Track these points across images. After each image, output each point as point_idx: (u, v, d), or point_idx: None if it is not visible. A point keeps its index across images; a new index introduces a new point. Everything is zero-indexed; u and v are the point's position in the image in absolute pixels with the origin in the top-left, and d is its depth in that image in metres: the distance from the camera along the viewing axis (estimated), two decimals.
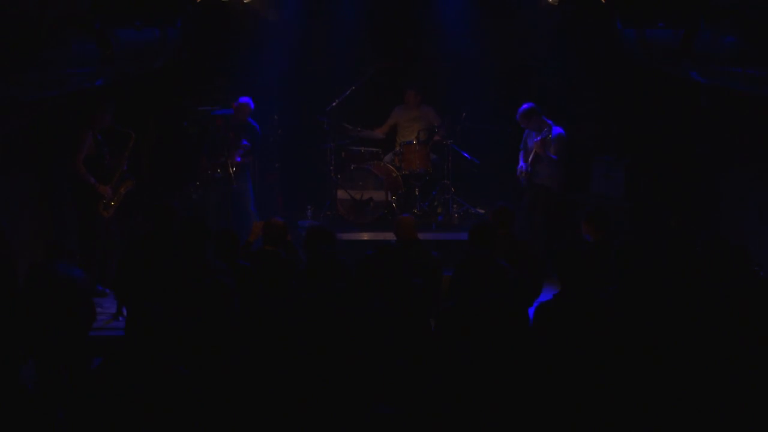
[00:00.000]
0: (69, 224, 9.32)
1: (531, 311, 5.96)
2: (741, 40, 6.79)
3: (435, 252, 7.51)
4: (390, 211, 10.86)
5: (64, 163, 9.05)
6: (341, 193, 10.87)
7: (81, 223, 9.11)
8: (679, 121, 10.70)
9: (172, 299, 5.77)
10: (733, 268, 6.16)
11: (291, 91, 11.65)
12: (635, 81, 10.76)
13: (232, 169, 9.95)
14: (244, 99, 10.26)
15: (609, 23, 9.40)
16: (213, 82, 11.46)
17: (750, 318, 5.67)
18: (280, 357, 5.27)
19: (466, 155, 10.96)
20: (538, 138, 9.60)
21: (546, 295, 6.94)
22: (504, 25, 11.40)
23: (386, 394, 4.89)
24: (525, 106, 9.73)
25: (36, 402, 4.52)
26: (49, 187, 9.43)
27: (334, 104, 11.10)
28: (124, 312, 8.10)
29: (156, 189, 10.56)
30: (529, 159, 9.74)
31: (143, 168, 11.07)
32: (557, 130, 9.69)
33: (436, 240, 10.07)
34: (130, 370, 4.64)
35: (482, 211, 10.99)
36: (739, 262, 6.25)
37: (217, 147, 10.09)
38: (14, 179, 8.75)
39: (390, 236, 8.11)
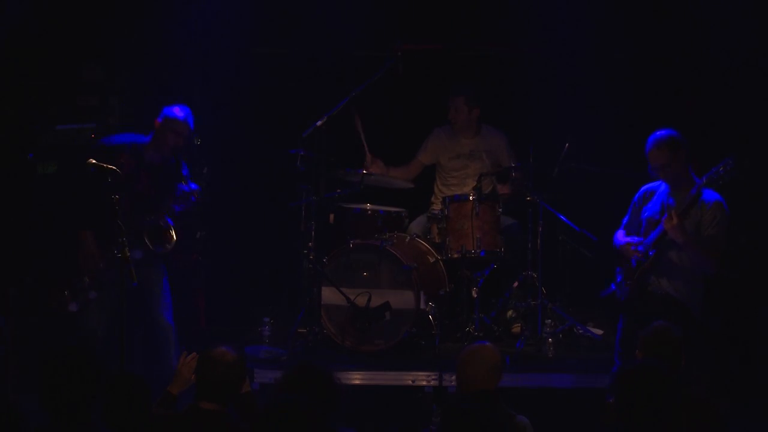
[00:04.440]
0: None
1: None
2: None
3: (521, 416, 5.66)
4: (422, 330, 8.41)
5: None
6: (328, 294, 8.38)
7: None
8: None
9: None
10: None
11: (231, 95, 9.13)
12: None
13: (168, 238, 7.61)
14: (175, 109, 7.81)
15: None
16: (80, 78, 9.00)
17: None
18: None
19: (569, 223, 8.39)
20: (688, 198, 7.44)
21: None
22: None
23: None
24: (662, 133, 7.53)
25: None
26: None
27: (318, 124, 8.43)
28: None
29: None
30: (651, 238, 7.51)
31: None
32: (712, 195, 7.58)
33: (511, 387, 7.34)
34: None
35: (600, 332, 8.45)
36: None
37: (123, 205, 7.34)
38: None
39: (416, 378, 7.32)
